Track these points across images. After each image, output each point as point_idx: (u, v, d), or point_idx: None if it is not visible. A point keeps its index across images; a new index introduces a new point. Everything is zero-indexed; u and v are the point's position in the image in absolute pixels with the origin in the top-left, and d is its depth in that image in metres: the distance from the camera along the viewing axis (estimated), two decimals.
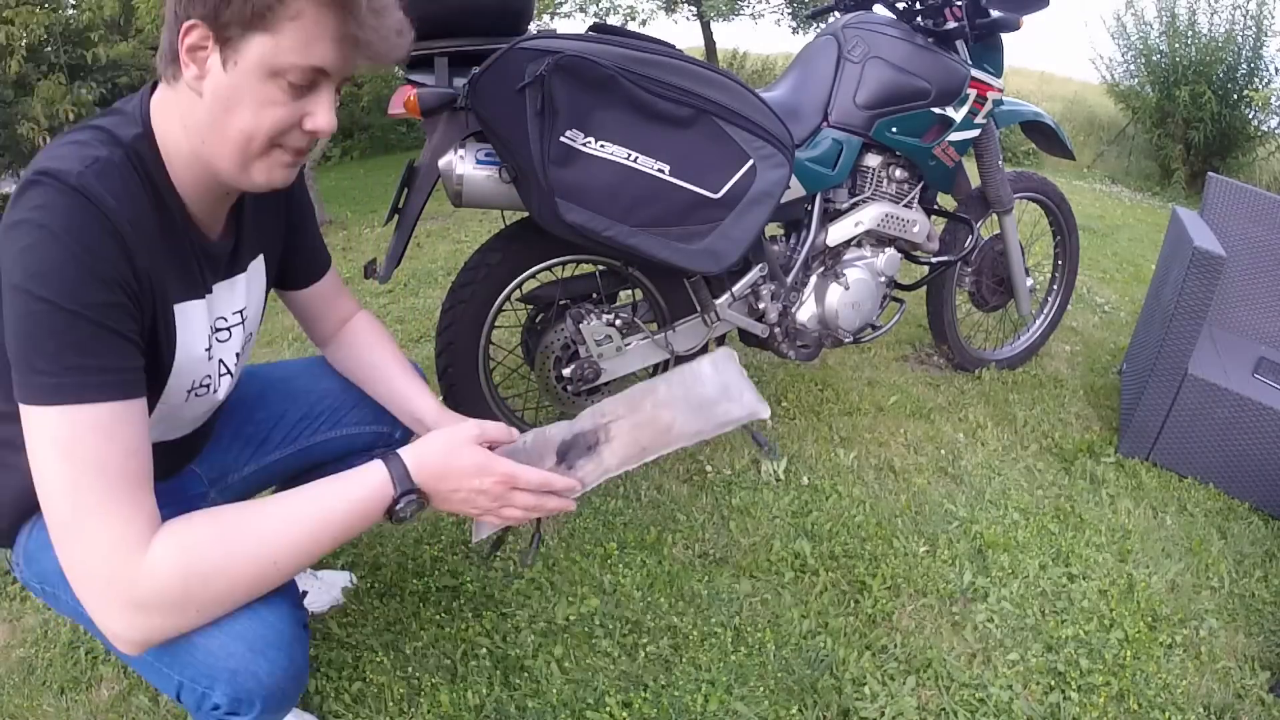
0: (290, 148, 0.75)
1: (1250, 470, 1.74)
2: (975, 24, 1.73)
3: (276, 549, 0.71)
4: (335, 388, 1.13)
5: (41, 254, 0.64)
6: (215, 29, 0.68)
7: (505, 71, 1.17)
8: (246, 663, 0.73)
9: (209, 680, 0.74)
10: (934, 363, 2.36)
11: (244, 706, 0.75)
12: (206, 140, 0.73)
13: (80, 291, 0.65)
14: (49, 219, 0.65)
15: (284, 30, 0.68)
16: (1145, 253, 3.86)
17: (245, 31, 0.67)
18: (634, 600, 1.35)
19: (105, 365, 0.67)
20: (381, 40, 0.71)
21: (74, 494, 0.65)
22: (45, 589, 0.84)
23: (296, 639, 0.77)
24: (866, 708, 1.16)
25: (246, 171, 0.75)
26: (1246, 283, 2.18)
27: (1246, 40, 5.48)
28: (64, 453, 0.65)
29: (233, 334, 0.91)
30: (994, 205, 2.02)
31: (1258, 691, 1.26)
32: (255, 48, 0.68)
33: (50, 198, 0.65)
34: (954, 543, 1.54)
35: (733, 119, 1.32)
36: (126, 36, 4.43)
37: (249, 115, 0.71)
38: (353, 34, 0.69)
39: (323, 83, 0.73)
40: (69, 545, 0.66)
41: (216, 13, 0.67)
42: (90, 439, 0.65)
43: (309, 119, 0.73)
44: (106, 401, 0.66)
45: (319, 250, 1.07)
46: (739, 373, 0.92)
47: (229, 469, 1.07)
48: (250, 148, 0.73)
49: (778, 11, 8.09)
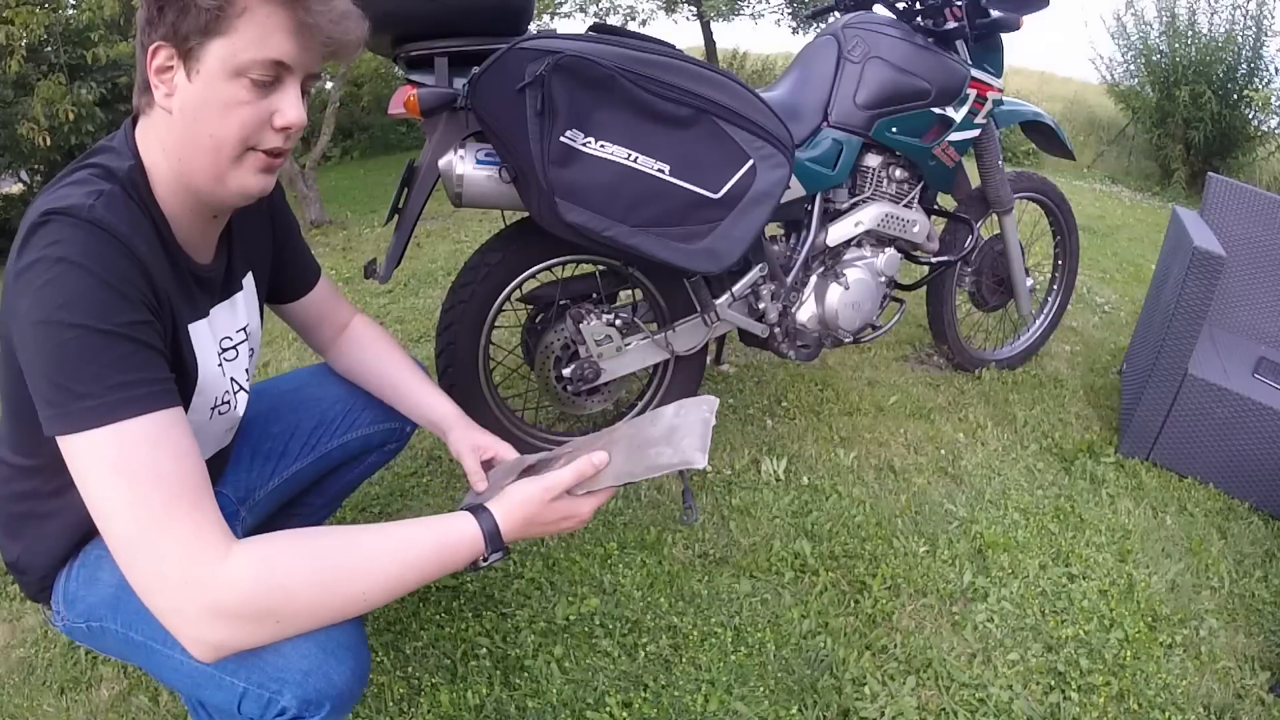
0: (264, 150, 0.76)
1: (1250, 470, 1.74)
2: (975, 24, 1.73)
3: (361, 580, 0.71)
4: (343, 392, 1.15)
5: (65, 284, 0.65)
6: (177, 45, 0.70)
7: (505, 71, 1.17)
8: (318, 664, 0.73)
9: (278, 684, 0.72)
10: (934, 363, 2.36)
11: (312, 709, 0.74)
12: (183, 157, 0.74)
13: (111, 313, 0.66)
14: (67, 251, 0.65)
15: (237, 29, 0.69)
16: (1145, 253, 3.86)
17: (204, 40, 0.69)
18: (634, 600, 1.35)
19: (146, 378, 0.68)
20: (331, 25, 0.72)
21: (135, 507, 0.64)
22: (91, 625, 0.83)
23: (362, 640, 0.78)
24: (866, 708, 1.16)
25: (223, 182, 0.76)
26: (1246, 283, 2.18)
27: (1246, 40, 5.47)
28: (118, 470, 0.64)
29: (239, 352, 0.94)
30: (994, 205, 2.02)
31: (1258, 691, 1.26)
32: (214, 52, 0.70)
33: (64, 232, 0.66)
34: (954, 543, 1.54)
35: (733, 119, 1.32)
36: (126, 36, 4.42)
37: (217, 119, 0.72)
38: (302, 20, 0.71)
39: (286, 77, 0.74)
40: (139, 559, 0.65)
41: (175, 28, 0.69)
42: (142, 451, 0.65)
43: (278, 115, 0.74)
44: (152, 412, 0.67)
45: (307, 261, 1.08)
46: (700, 420, 0.87)
47: (254, 486, 1.09)
48: (223, 153, 0.74)
49: (778, 11, 8.09)
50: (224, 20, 0.68)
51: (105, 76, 4.69)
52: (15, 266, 0.66)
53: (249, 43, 0.70)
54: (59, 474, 0.76)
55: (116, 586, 0.81)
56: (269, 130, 0.75)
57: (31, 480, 0.82)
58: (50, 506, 0.82)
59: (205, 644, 0.66)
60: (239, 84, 0.71)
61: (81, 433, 0.64)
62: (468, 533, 0.77)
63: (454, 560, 0.76)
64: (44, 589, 0.87)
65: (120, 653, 0.86)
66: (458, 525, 0.77)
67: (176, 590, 0.65)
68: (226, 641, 0.67)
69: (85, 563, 0.84)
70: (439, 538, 0.76)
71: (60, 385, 0.64)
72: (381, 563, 0.72)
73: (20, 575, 0.88)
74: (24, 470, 0.82)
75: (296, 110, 0.74)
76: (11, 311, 0.67)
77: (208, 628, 0.65)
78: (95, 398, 0.64)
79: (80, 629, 0.85)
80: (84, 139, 4.28)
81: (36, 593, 0.88)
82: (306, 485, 1.17)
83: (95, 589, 0.82)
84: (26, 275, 0.65)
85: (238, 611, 0.66)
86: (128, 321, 0.67)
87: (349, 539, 0.73)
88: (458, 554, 0.76)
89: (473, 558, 0.78)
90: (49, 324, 0.64)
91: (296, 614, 0.69)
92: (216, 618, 0.65)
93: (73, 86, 4.28)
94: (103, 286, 0.66)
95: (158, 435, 0.66)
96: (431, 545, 0.75)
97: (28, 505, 0.83)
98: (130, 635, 0.80)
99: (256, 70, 0.71)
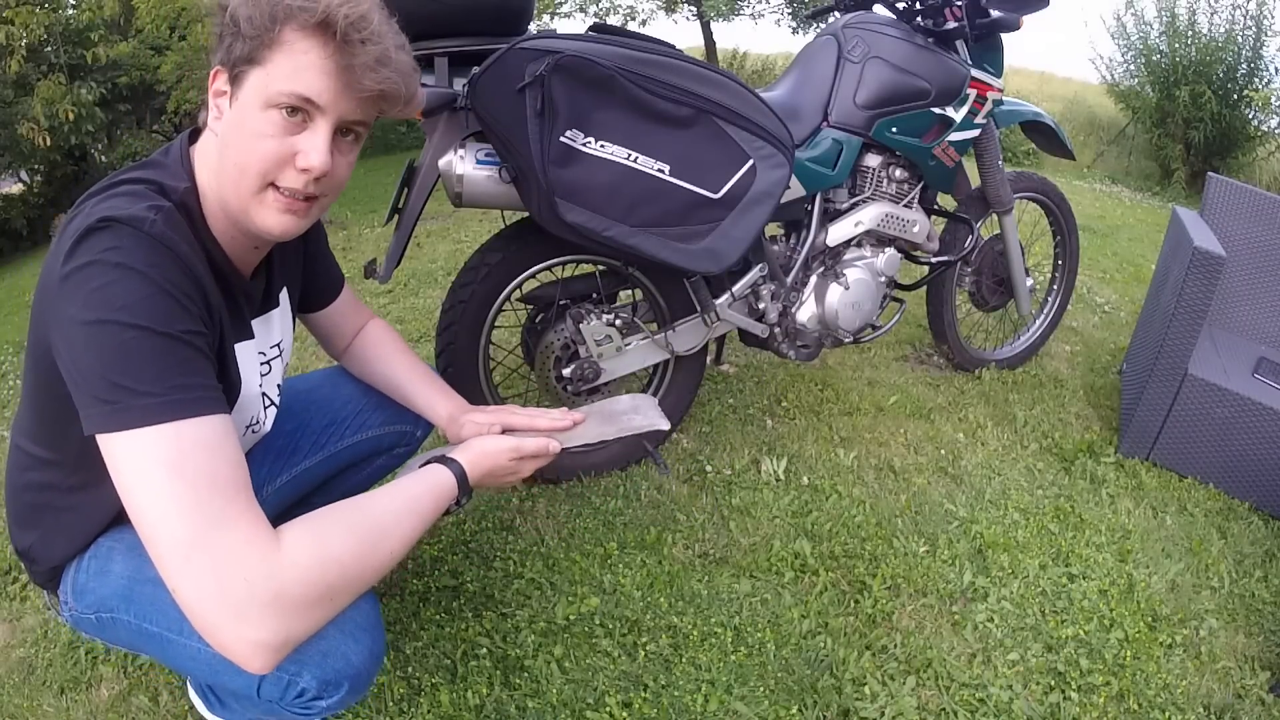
0: (285, 189, 0.75)
1: (1250, 470, 1.74)
2: (975, 24, 1.73)
3: (391, 539, 0.74)
4: (355, 393, 1.17)
5: (126, 287, 0.65)
6: (230, 71, 0.72)
7: (505, 71, 1.17)
8: (336, 644, 0.75)
9: (297, 665, 0.75)
10: (934, 363, 2.36)
11: (331, 689, 0.77)
12: (220, 180, 0.76)
13: (172, 319, 0.67)
14: (127, 258, 0.66)
15: (273, 61, 0.71)
16: (1145, 253, 3.86)
17: (246, 68, 0.71)
18: (634, 600, 1.35)
19: (203, 383, 0.69)
20: (366, 70, 0.72)
21: (195, 509, 0.63)
22: (101, 616, 0.84)
23: (378, 622, 0.81)
24: (866, 708, 1.16)
25: (247, 214, 0.77)
26: (1246, 283, 2.18)
27: (1246, 40, 5.47)
28: (175, 471, 0.64)
29: (273, 366, 0.95)
30: (994, 205, 2.02)
31: (1258, 691, 1.26)
32: (252, 81, 0.72)
33: (125, 240, 0.67)
34: (954, 543, 1.54)
35: (733, 119, 1.32)
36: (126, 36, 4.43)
37: (243, 147, 0.73)
38: (336, 61, 0.71)
39: (318, 118, 0.73)
40: (193, 564, 0.63)
41: (229, 54, 0.71)
42: (200, 453, 0.65)
43: (301, 155, 0.73)
44: (210, 415, 0.67)
45: (334, 272, 1.10)
46: (653, 403, 1.12)
47: (263, 483, 1.10)
48: (244, 184, 0.74)
49: (778, 11, 8.10)
50: (262, 49, 0.70)
51: (105, 76, 4.70)
52: (64, 268, 0.66)
53: (282, 75, 0.71)
54: (80, 470, 0.77)
55: (129, 578, 0.82)
56: (290, 169, 0.74)
57: (50, 472, 0.82)
58: (69, 501, 0.83)
59: (265, 648, 0.64)
60: (269, 116, 0.72)
61: (135, 430, 0.64)
62: (447, 481, 0.84)
63: (442, 506, 0.83)
64: (53, 579, 0.87)
65: (130, 643, 0.87)
66: (439, 475, 0.84)
67: (238, 589, 0.63)
68: (290, 635, 0.65)
69: (96, 554, 0.84)
70: (431, 489, 0.82)
71: (118, 384, 0.64)
72: (399, 519, 0.76)
73: (30, 564, 0.88)
74: (43, 461, 0.82)
75: (320, 154, 0.73)
76: (56, 310, 0.67)
77: (270, 625, 0.63)
78: (155, 395, 0.64)
79: (89, 620, 0.86)
80: (84, 139, 4.29)
81: (45, 580, 0.89)
82: (314, 485, 1.17)
83: (106, 580, 0.82)
84: (78, 276, 0.65)
85: (303, 595, 0.65)
86: (186, 329, 0.68)
87: (366, 506, 0.75)
88: (443, 501, 0.83)
89: (449, 501, 0.84)
90: (107, 323, 0.64)
91: (348, 585, 0.70)
92: (280, 610, 0.64)
93: (73, 86, 4.29)
94: (164, 294, 0.67)
95: (215, 439, 0.67)
96: (429, 497, 0.81)
97: (45, 496, 0.84)
98: (144, 626, 0.81)
99: (284, 101, 0.71)
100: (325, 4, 0.69)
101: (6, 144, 4.27)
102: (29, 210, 6.35)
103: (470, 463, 0.88)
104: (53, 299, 0.67)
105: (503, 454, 0.91)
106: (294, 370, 2.22)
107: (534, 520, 1.56)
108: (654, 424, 1.05)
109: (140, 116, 6.59)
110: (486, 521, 1.54)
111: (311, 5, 0.69)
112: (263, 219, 0.76)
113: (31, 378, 0.78)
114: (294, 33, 0.70)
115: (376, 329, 1.16)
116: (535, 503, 1.60)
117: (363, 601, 0.78)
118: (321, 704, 0.78)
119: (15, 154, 4.45)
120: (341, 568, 0.68)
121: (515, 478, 0.95)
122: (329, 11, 0.69)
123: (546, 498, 1.62)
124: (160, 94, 5.58)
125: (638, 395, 1.15)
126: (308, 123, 0.73)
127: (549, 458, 0.96)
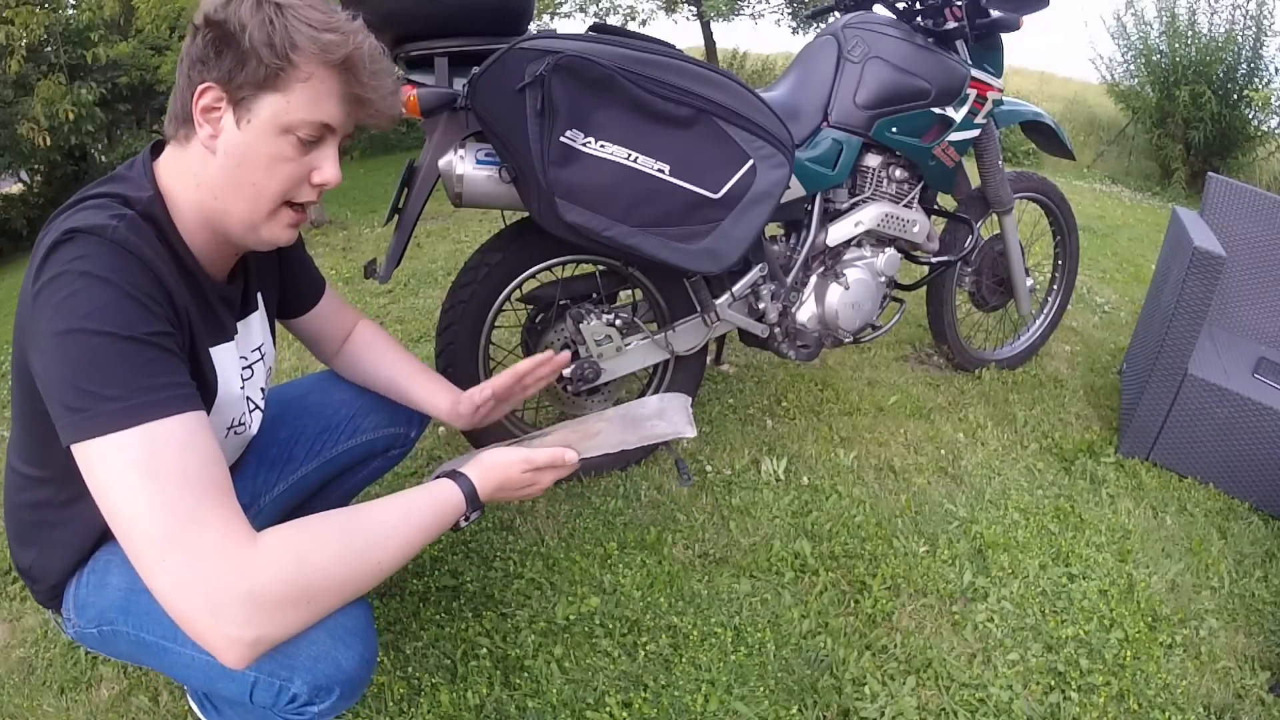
0: (297, 204, 0.80)
1: (1250, 470, 1.74)
2: (975, 24, 1.73)
3: (382, 549, 0.74)
4: (348, 397, 1.17)
5: (91, 295, 0.66)
6: (229, 90, 0.73)
7: (505, 71, 1.17)
8: (327, 649, 0.75)
9: (288, 670, 0.75)
10: (934, 363, 2.36)
11: (322, 695, 0.77)
12: (220, 196, 0.77)
13: (136, 323, 0.67)
14: (92, 266, 0.67)
15: (294, 90, 0.73)
16: (1145, 253, 3.86)
17: (258, 92, 0.73)
18: (634, 600, 1.35)
19: (171, 382, 0.69)
20: (381, 99, 0.78)
21: (166, 507, 0.64)
22: (103, 629, 0.84)
23: (370, 628, 0.81)
24: (866, 708, 1.16)
25: (255, 230, 0.79)
26: (1246, 283, 2.18)
27: (1246, 40, 5.47)
28: (146, 471, 0.64)
29: (255, 370, 0.95)
30: (994, 205, 2.02)
31: (1258, 691, 1.26)
32: (268, 106, 0.73)
33: (89, 249, 0.67)
34: (954, 543, 1.54)
35: (733, 119, 1.32)
36: (126, 36, 4.43)
37: (262, 171, 0.76)
38: (355, 93, 0.76)
39: (329, 138, 0.78)
40: (168, 561, 0.63)
41: (230, 76, 0.72)
42: (171, 452, 0.66)
43: (317, 172, 0.79)
44: (180, 414, 0.68)
45: (314, 274, 1.10)
46: (682, 404, 1.05)
47: (259, 492, 1.10)
48: (261, 203, 0.77)
49: (778, 11, 8.11)
50: (283, 79, 0.72)
51: (105, 76, 4.70)
52: (35, 285, 0.67)
53: (303, 104, 0.74)
54: (68, 485, 0.77)
55: (125, 589, 0.82)
56: (306, 186, 0.79)
57: (42, 490, 0.83)
58: (61, 516, 0.83)
59: (239, 643, 0.65)
60: (286, 139, 0.75)
61: (107, 436, 0.64)
62: (454, 496, 0.84)
63: (446, 522, 0.82)
64: (55, 596, 0.88)
65: (131, 655, 0.87)
66: (445, 490, 0.84)
67: (212, 584, 0.63)
68: (261, 634, 0.65)
69: (94, 569, 0.85)
70: (434, 503, 0.82)
71: (85, 390, 0.65)
72: (392, 532, 0.76)
73: (32, 583, 0.89)
74: (36, 480, 0.83)
75: (334, 169, 0.79)
76: (30, 326, 0.68)
77: (243, 622, 0.64)
78: (123, 399, 0.65)
79: (92, 634, 0.86)
80: (84, 139, 4.29)
81: (47, 600, 0.89)
82: (311, 491, 1.17)
83: (104, 593, 0.83)
84: (48, 289, 0.66)
85: (278, 595, 0.66)
86: (154, 331, 0.69)
87: (359, 515, 0.75)
88: (447, 516, 0.82)
89: (456, 517, 0.84)
90: (74, 332, 0.65)
91: (327, 591, 0.69)
92: (254, 608, 0.64)
93: (73, 86, 4.29)
94: (127, 298, 0.67)
95: (185, 436, 0.67)
96: (431, 510, 0.81)
97: (40, 514, 0.85)
98: (142, 636, 0.81)
99: (305, 130, 0.75)
100: (348, 40, 0.74)
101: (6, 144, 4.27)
102: (29, 210, 6.36)
103: (480, 476, 0.87)
104: (29, 315, 0.68)
105: (513, 466, 0.90)
106: (296, 370, 2.22)
107: (534, 520, 1.56)
108: (680, 431, 0.98)
109: (140, 116, 6.60)
110: (486, 521, 1.54)
111: (337, 41, 0.73)
112: (272, 233, 0.80)
113: (18, 395, 0.79)
114: (315, 65, 0.73)
115: (366, 330, 1.16)
116: (535, 503, 1.60)
117: (354, 607, 0.78)
118: (313, 709, 0.78)
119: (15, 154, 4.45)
120: (322, 572, 0.68)
121: (535, 489, 0.93)
122: (353, 49, 0.74)
123: (546, 498, 1.62)
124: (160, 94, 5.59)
125: (667, 395, 1.08)
126: (319, 142, 0.78)
127: (568, 468, 0.94)
